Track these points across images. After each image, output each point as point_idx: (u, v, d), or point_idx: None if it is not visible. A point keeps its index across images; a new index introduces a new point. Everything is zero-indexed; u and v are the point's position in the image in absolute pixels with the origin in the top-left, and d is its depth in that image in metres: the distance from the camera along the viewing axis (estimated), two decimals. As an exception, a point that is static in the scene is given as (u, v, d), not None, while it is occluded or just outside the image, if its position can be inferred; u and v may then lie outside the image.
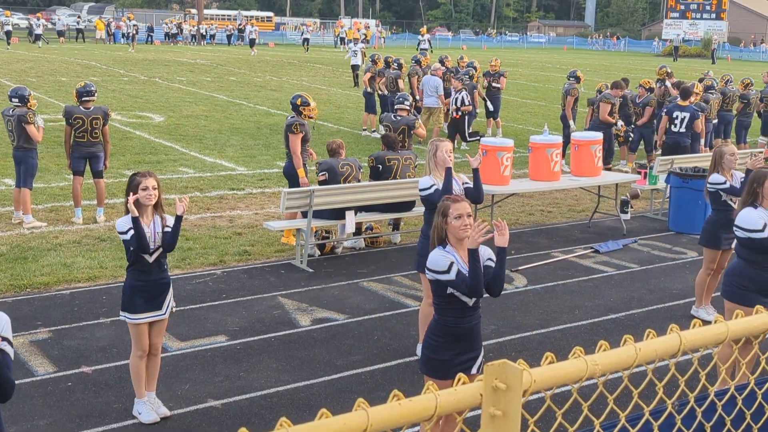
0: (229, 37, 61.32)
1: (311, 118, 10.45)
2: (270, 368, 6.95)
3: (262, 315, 8.17)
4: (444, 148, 6.96)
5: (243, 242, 10.54)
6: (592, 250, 10.95)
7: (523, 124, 22.55)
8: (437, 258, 4.94)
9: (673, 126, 13.87)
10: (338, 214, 9.97)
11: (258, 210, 12.27)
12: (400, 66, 20.26)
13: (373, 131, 19.35)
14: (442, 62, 20.53)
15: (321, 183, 10.08)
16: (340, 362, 7.12)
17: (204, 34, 59.78)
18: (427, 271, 5.00)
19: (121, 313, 6.00)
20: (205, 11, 73.05)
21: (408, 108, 12.67)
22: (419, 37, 45.92)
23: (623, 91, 15.91)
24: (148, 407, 6.02)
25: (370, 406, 1.74)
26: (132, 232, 5.76)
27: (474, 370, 5.02)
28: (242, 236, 10.78)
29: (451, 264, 4.87)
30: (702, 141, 15.21)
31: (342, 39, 58.27)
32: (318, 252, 10.28)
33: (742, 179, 7.86)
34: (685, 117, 13.76)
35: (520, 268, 9.94)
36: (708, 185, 8.10)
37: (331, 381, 6.76)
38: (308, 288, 9.03)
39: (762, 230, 6.21)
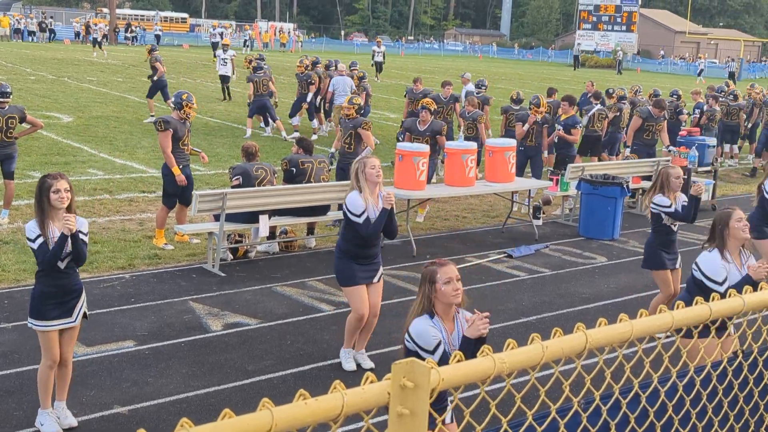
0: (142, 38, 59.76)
1: (188, 117, 10.36)
2: (179, 374, 6.81)
3: (172, 320, 8.00)
4: (371, 164, 6.65)
5: (153, 246, 10.32)
6: (506, 255, 11.10)
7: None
8: (426, 333, 4.55)
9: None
10: (251, 217, 9.85)
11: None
12: (315, 66, 20.32)
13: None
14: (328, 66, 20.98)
15: (234, 188, 9.94)
16: (252, 367, 7.02)
17: (117, 32, 58.41)
18: (408, 341, 4.61)
19: (29, 320, 5.71)
20: (118, 11, 71.43)
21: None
22: (374, 47, 43.55)
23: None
24: (52, 418, 5.77)
25: (275, 406, 1.70)
26: (41, 239, 5.52)
27: None
28: (152, 239, 10.55)
29: (438, 344, 4.52)
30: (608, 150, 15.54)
31: (215, 44, 45.95)
32: (231, 256, 10.13)
33: (684, 202, 7.80)
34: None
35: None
36: (652, 206, 7.85)
37: (242, 386, 6.66)
38: (220, 292, 8.89)
39: (721, 284, 5.84)
